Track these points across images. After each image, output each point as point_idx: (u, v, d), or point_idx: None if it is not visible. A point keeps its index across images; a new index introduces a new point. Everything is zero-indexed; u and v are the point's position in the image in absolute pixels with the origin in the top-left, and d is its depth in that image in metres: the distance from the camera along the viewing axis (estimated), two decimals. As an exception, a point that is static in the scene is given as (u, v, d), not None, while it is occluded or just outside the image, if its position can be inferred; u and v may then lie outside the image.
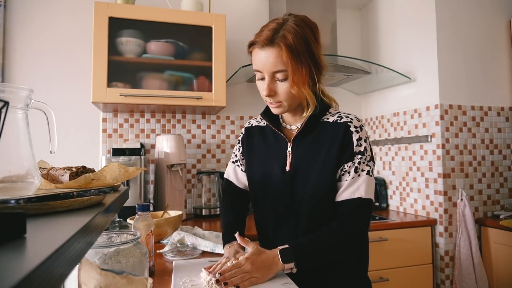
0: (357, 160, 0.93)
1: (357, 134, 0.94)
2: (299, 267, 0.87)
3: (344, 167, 0.94)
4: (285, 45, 0.87)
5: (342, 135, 0.94)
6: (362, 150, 0.94)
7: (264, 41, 0.89)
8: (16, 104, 0.47)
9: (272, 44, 0.89)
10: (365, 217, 0.94)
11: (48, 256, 0.25)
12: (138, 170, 0.72)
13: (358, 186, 0.92)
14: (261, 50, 0.91)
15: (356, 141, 0.93)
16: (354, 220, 0.92)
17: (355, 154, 0.93)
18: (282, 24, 0.90)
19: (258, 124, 1.12)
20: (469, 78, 1.98)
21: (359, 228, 0.93)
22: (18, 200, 0.41)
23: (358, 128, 0.95)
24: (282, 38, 0.88)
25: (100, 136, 2.05)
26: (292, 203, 0.98)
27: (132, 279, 0.66)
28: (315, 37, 0.94)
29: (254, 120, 1.15)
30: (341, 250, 0.93)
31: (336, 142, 0.94)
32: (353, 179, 0.93)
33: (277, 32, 0.89)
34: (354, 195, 0.92)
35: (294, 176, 0.98)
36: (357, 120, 0.97)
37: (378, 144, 2.39)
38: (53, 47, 2.00)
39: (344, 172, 0.94)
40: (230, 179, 1.16)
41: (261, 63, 0.92)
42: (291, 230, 0.99)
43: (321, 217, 0.95)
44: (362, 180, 0.93)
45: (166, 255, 1.17)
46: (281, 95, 0.93)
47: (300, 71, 0.90)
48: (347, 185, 0.93)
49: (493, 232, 1.84)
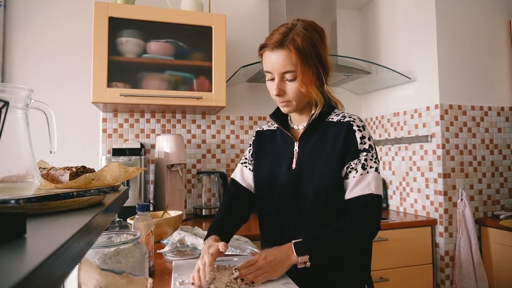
0: (363, 157, 0.95)
1: (360, 133, 0.97)
2: (313, 260, 0.88)
3: (350, 164, 0.96)
4: (294, 47, 0.93)
5: (345, 134, 0.97)
6: (367, 148, 0.96)
7: (274, 43, 0.95)
8: (16, 104, 0.47)
9: (282, 47, 0.95)
10: (378, 213, 0.96)
11: (48, 256, 0.25)
12: (138, 170, 0.72)
13: (368, 182, 0.94)
14: (272, 52, 0.96)
15: (359, 139, 0.96)
16: (367, 216, 0.93)
17: (360, 151, 0.96)
18: (292, 28, 0.96)
19: (269, 128, 1.17)
20: (469, 78, 1.98)
21: (373, 223, 0.94)
22: (18, 200, 0.41)
23: (361, 127, 0.98)
24: (291, 41, 0.94)
25: (100, 136, 2.05)
26: (296, 199, 1.00)
27: (132, 279, 0.66)
28: (322, 40, 0.99)
29: (265, 125, 1.20)
30: (355, 244, 0.95)
31: (339, 140, 0.97)
32: (361, 175, 0.94)
33: (286, 35, 0.95)
34: (365, 191, 0.94)
35: (299, 174, 1.00)
36: (359, 120, 1.00)
37: (378, 144, 2.39)
38: (53, 47, 2.00)
39: (351, 170, 0.96)
40: (236, 178, 1.18)
41: (271, 64, 0.97)
42: (296, 227, 1.00)
43: (325, 215, 0.97)
44: (372, 177, 0.94)
45: (166, 255, 1.17)
46: (290, 94, 0.98)
47: (308, 71, 0.95)
48: (356, 182, 0.94)
49: (493, 232, 1.84)
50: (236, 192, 1.16)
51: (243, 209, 1.14)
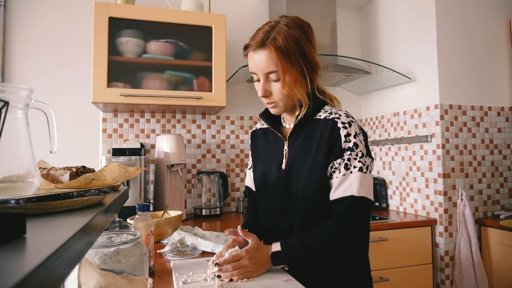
0: (347, 157, 0.91)
1: (345, 130, 0.92)
2: (290, 267, 0.92)
3: (334, 164, 0.92)
4: (275, 47, 0.91)
5: (329, 132, 0.93)
6: (351, 146, 0.92)
7: (256, 44, 0.94)
8: (16, 104, 0.47)
9: (263, 47, 0.93)
10: (358, 216, 0.90)
11: (48, 256, 0.25)
12: (138, 170, 0.72)
13: (350, 183, 0.90)
14: (254, 53, 0.95)
15: (344, 137, 0.92)
16: (347, 220, 0.90)
17: (344, 150, 0.92)
18: (274, 26, 0.94)
19: (262, 127, 1.16)
20: (469, 78, 1.98)
21: (354, 227, 0.90)
22: (18, 200, 0.41)
23: (346, 124, 0.93)
24: (272, 40, 0.92)
25: (100, 136, 2.05)
26: (287, 200, 0.99)
27: (132, 279, 0.65)
28: (307, 36, 0.96)
29: (259, 123, 1.19)
30: (333, 251, 0.92)
31: (324, 139, 0.94)
32: (344, 176, 0.91)
33: (268, 34, 0.93)
34: (346, 193, 0.90)
35: (288, 174, 0.99)
36: (345, 116, 0.95)
37: (378, 144, 2.39)
38: (53, 47, 2.00)
39: (334, 170, 0.93)
40: (248, 184, 1.21)
41: (254, 65, 0.96)
42: (288, 227, 0.99)
43: (315, 215, 0.95)
44: (354, 178, 0.90)
45: (166, 255, 1.17)
46: (276, 95, 0.97)
47: (291, 71, 0.93)
48: (339, 183, 0.91)
49: (493, 232, 1.84)
50: (251, 197, 1.20)
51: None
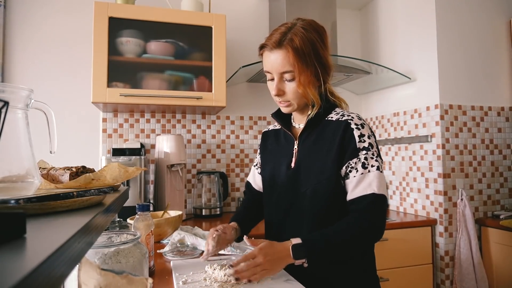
0: (363, 156, 0.93)
1: (359, 131, 0.95)
2: (311, 263, 0.87)
3: (349, 163, 0.93)
4: (292, 47, 0.93)
5: (342, 132, 0.95)
6: (367, 146, 0.94)
7: (273, 44, 0.96)
8: (16, 104, 0.47)
9: (280, 47, 0.95)
10: (380, 214, 0.92)
11: (48, 256, 0.25)
12: (138, 170, 0.72)
13: (370, 182, 0.91)
14: (271, 53, 0.97)
15: (358, 137, 0.94)
16: (369, 217, 0.90)
17: (359, 150, 0.94)
18: (291, 28, 0.96)
19: (274, 128, 1.19)
20: (469, 78, 1.98)
21: (375, 224, 0.91)
22: (18, 200, 0.41)
23: (359, 125, 0.96)
24: (289, 41, 0.94)
25: (100, 136, 2.05)
26: (294, 199, 1.00)
27: (132, 279, 0.65)
28: (322, 40, 0.99)
29: (272, 125, 1.22)
30: (355, 247, 0.92)
31: (336, 139, 0.95)
32: (362, 175, 0.92)
33: (285, 35, 0.95)
34: (366, 191, 0.91)
35: (297, 173, 1.00)
36: (358, 118, 0.98)
37: (378, 144, 2.38)
38: (53, 47, 2.00)
39: (351, 169, 0.93)
40: (250, 181, 1.25)
41: (270, 64, 0.98)
42: (295, 227, 1.00)
43: (324, 215, 0.96)
44: (373, 176, 0.92)
45: (166, 255, 1.17)
46: (289, 94, 0.99)
47: (306, 72, 0.95)
48: (358, 182, 0.92)
49: (493, 232, 1.84)
50: (250, 194, 1.23)
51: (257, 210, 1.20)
